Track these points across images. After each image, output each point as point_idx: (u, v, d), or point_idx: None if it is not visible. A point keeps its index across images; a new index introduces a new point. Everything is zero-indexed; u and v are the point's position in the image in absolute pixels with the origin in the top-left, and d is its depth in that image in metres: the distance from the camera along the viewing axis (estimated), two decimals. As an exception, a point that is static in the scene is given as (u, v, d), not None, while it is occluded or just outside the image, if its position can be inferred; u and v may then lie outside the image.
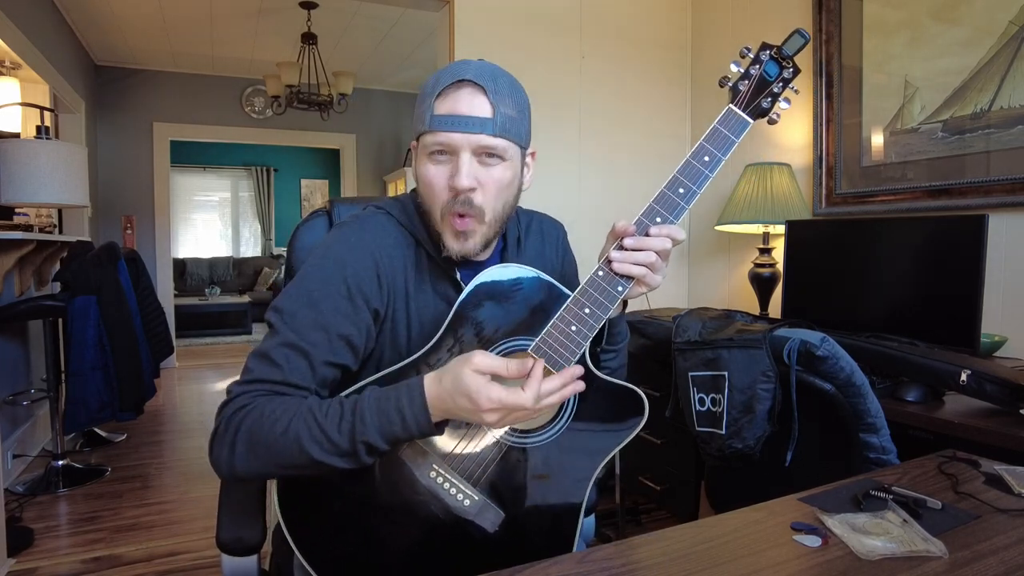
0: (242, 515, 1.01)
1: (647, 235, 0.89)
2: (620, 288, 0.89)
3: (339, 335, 0.88)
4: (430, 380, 0.80)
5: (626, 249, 0.89)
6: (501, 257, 1.04)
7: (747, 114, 0.91)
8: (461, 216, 0.91)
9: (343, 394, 0.87)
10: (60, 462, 3.05)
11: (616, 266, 0.89)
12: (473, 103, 0.89)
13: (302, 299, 0.88)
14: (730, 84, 0.92)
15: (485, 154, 0.90)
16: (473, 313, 0.91)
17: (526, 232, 1.09)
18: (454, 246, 0.93)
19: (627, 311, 1.07)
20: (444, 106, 0.89)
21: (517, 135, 0.93)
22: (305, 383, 0.85)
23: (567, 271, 1.14)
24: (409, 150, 1.01)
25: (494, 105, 0.89)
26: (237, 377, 0.87)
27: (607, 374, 0.97)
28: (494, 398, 0.76)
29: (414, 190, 1.02)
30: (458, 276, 0.97)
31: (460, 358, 0.79)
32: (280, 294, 0.92)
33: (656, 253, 0.88)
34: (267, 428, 0.79)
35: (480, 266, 1.00)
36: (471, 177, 0.89)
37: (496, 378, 0.78)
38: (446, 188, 0.90)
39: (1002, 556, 0.72)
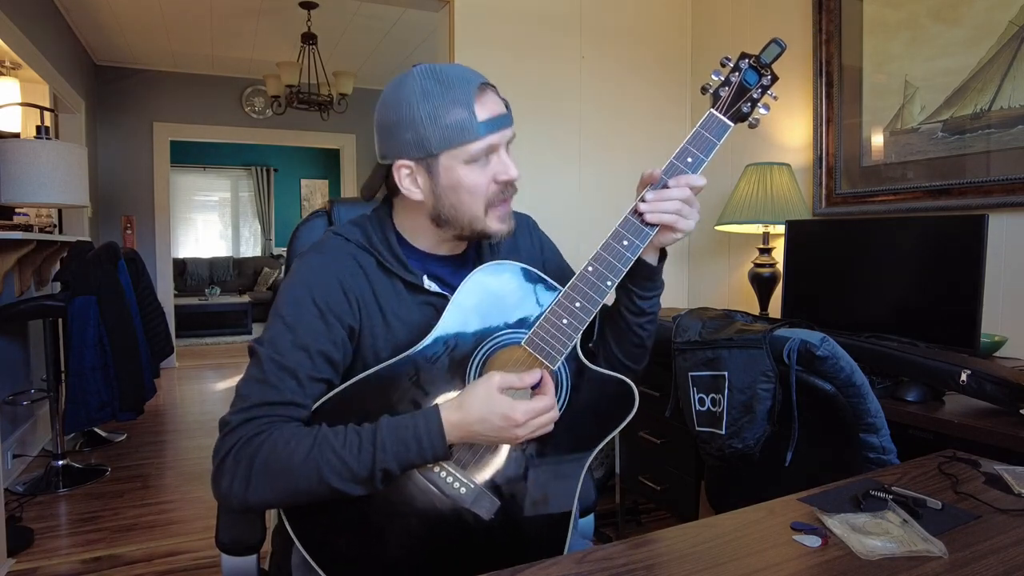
0: (242, 515, 1.01)
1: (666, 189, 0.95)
2: (608, 283, 0.93)
3: (318, 352, 0.90)
4: (448, 408, 0.85)
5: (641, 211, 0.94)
6: (477, 251, 1.05)
7: (728, 118, 0.96)
8: (506, 201, 0.97)
9: (333, 393, 0.90)
10: (60, 462, 3.05)
11: (649, 216, 0.93)
12: (499, 102, 0.94)
13: (279, 326, 0.91)
14: (711, 91, 0.97)
15: (507, 145, 0.96)
16: (467, 309, 0.93)
17: None
18: (503, 228, 0.97)
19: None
20: (484, 111, 0.91)
21: None
22: (301, 400, 0.88)
23: (548, 256, 1.16)
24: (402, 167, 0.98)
25: (505, 100, 0.96)
26: (235, 378, 0.88)
27: (649, 319, 1.05)
28: (528, 409, 0.85)
29: (377, 210, 1.03)
30: (426, 283, 0.97)
31: (479, 382, 0.86)
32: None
33: (680, 202, 0.94)
34: (284, 459, 0.81)
35: (454, 261, 1.02)
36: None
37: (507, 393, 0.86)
38: (490, 183, 0.94)
39: (1002, 556, 0.72)
